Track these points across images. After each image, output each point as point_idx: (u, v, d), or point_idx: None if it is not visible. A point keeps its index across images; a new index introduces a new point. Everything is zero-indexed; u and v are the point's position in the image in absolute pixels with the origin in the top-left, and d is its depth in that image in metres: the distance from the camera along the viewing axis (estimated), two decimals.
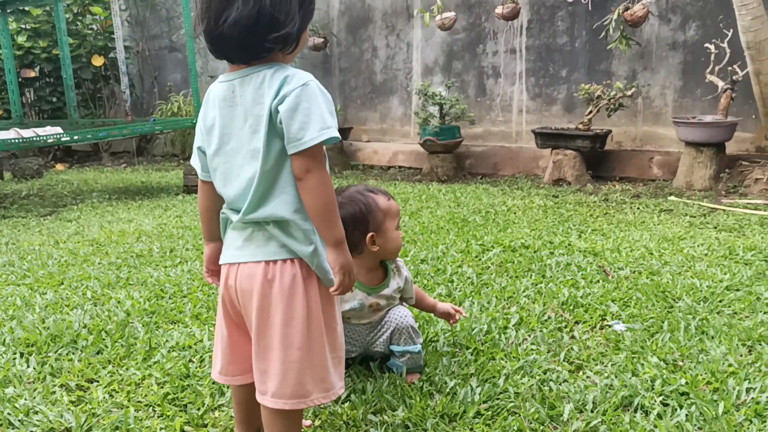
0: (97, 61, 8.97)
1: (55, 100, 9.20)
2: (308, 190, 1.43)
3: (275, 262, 1.48)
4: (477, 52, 7.12)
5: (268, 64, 1.45)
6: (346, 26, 7.98)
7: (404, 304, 2.25)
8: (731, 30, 5.40)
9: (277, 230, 1.47)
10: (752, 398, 1.90)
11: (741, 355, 2.20)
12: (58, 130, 5.81)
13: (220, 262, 1.57)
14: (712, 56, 5.53)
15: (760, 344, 2.28)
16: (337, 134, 1.40)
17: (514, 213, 4.69)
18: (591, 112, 5.99)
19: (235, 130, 1.47)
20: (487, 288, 2.98)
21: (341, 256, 1.47)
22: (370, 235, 2.03)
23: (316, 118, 1.38)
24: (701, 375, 2.05)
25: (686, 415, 1.82)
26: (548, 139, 6.15)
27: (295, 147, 1.39)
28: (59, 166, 8.73)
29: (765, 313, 2.57)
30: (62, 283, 3.27)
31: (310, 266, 1.49)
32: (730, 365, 2.11)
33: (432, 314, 2.46)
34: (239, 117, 1.46)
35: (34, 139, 5.36)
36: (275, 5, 1.39)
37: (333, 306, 1.57)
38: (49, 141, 5.49)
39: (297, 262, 1.49)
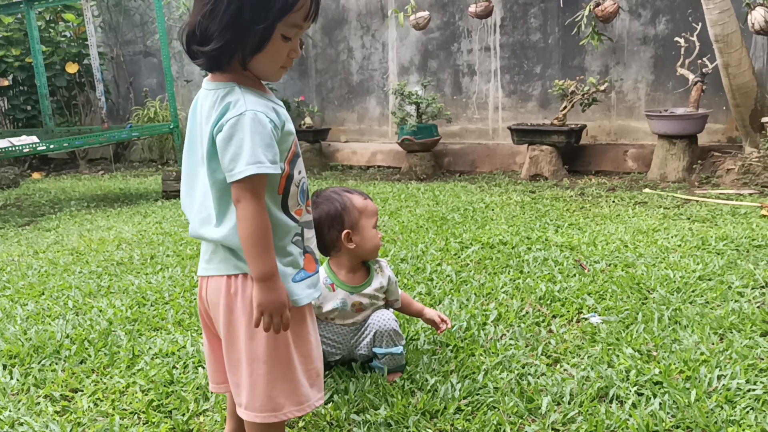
0: (72, 68, 8.90)
1: (29, 108, 9.11)
2: (238, 219, 1.41)
3: (237, 276, 1.49)
4: (452, 50, 7.18)
5: (225, 82, 1.44)
6: (321, 27, 8.00)
7: (390, 309, 2.28)
8: (700, 23, 5.50)
9: (228, 252, 1.49)
10: (723, 385, 1.96)
11: (712, 344, 2.26)
12: (34, 139, 5.78)
13: (198, 274, 1.60)
14: (682, 50, 5.63)
15: (731, 332, 2.34)
16: (265, 170, 1.36)
17: (492, 210, 4.75)
18: (565, 107, 6.06)
19: (198, 139, 1.51)
20: (466, 285, 3.03)
21: (261, 294, 1.42)
22: (345, 232, 2.08)
23: (246, 152, 1.36)
24: (674, 364, 2.11)
25: (660, 403, 1.87)
26: (524, 135, 6.22)
27: (229, 177, 1.39)
28: (36, 175, 8.66)
29: (736, 301, 2.64)
30: (43, 294, 3.26)
31: None
32: (702, 354, 2.18)
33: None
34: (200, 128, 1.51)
35: (10, 149, 5.33)
36: (203, 22, 1.38)
37: (303, 320, 1.56)
38: (25, 151, 5.45)
39: None
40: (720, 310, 2.56)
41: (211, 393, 2.07)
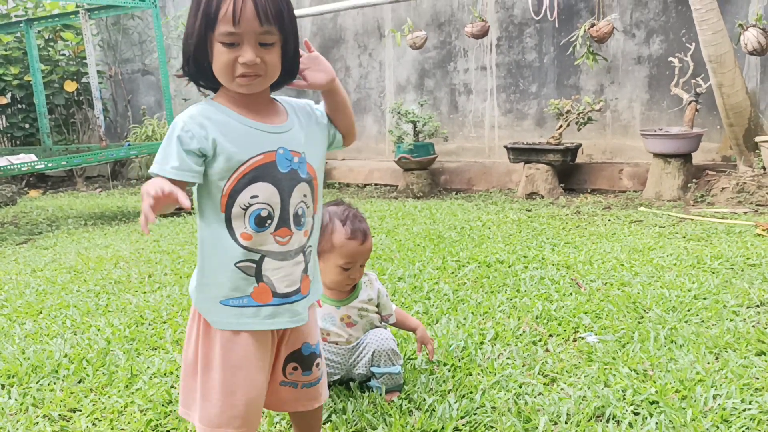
0: (70, 86, 8.94)
1: (27, 126, 9.14)
2: None
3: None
4: (448, 69, 7.24)
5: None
6: (318, 47, 8.06)
7: (385, 324, 2.29)
8: (693, 44, 5.57)
9: None
10: (719, 404, 1.97)
11: (708, 363, 2.28)
12: (33, 157, 5.80)
13: None
14: (676, 69, 5.69)
15: (726, 351, 2.36)
16: (161, 173, 1.39)
17: (489, 228, 4.77)
18: (561, 126, 6.11)
19: None
20: (464, 304, 3.04)
21: None
22: None
23: (158, 153, 1.44)
24: (670, 383, 2.12)
25: (656, 423, 1.89)
26: (520, 153, 6.26)
27: None
28: (33, 193, 8.67)
29: (731, 320, 2.66)
30: (41, 313, 3.27)
31: None
32: (697, 373, 2.19)
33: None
34: None
35: (9, 167, 5.35)
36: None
37: (212, 344, 1.53)
38: (23, 169, 5.47)
39: None
40: (715, 329, 2.58)
41: None
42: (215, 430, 1.53)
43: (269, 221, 1.48)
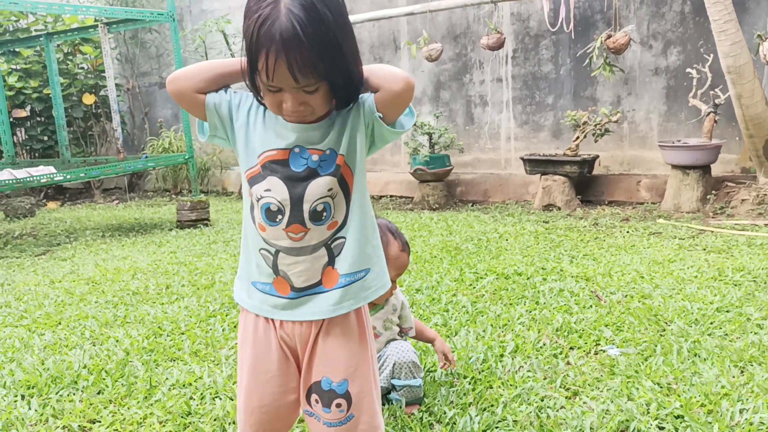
0: (88, 99, 9.03)
1: (46, 138, 9.23)
2: None
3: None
4: (464, 81, 7.24)
5: None
6: None
7: (405, 336, 2.28)
8: (712, 55, 5.53)
9: None
10: (746, 419, 1.94)
11: (733, 377, 2.24)
12: (51, 169, 5.84)
13: None
14: (694, 81, 5.65)
15: (752, 365, 2.32)
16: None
17: (506, 240, 4.75)
18: (578, 137, 6.08)
19: None
20: (482, 316, 3.02)
21: None
22: None
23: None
24: (695, 398, 2.09)
25: None
26: (537, 165, 6.24)
27: None
28: (51, 205, 8.74)
29: (755, 333, 2.62)
30: (60, 324, 3.28)
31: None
32: (723, 387, 2.16)
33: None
34: None
35: (28, 179, 5.39)
36: None
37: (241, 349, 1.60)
38: (42, 181, 5.51)
39: None
40: (739, 342, 2.54)
41: (228, 425, 2.07)
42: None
43: (280, 216, 1.45)
